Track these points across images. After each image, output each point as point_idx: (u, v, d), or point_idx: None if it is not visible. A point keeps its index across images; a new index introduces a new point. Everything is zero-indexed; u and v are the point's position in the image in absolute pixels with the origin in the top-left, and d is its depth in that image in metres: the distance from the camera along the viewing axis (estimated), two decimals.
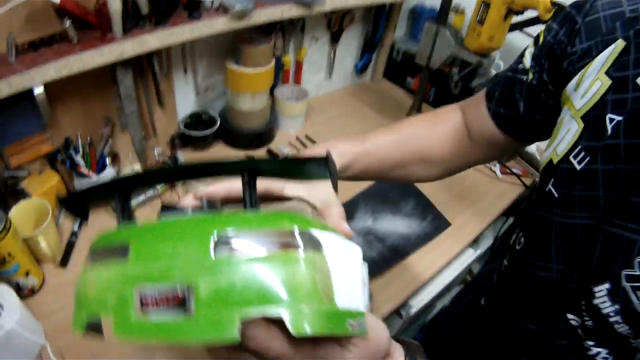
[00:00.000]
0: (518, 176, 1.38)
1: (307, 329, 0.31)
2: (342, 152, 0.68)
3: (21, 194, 0.98)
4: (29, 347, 0.81)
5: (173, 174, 0.46)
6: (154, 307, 0.32)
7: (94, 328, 0.38)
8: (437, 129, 0.79)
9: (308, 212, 0.49)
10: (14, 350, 0.78)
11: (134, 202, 1.09)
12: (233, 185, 0.52)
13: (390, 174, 0.78)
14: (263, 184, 0.50)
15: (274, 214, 0.36)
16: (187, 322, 0.31)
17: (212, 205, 0.42)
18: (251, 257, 0.32)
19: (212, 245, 0.33)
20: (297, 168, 0.41)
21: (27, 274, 0.89)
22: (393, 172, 0.78)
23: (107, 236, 0.40)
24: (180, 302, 0.31)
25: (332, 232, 0.38)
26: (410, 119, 0.81)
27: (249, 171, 0.39)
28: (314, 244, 0.35)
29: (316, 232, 0.36)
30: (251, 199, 0.39)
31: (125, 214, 0.43)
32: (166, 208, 0.40)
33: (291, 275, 0.32)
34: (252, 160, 0.39)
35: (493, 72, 1.32)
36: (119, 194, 0.43)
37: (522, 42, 1.36)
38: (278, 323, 0.37)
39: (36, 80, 0.84)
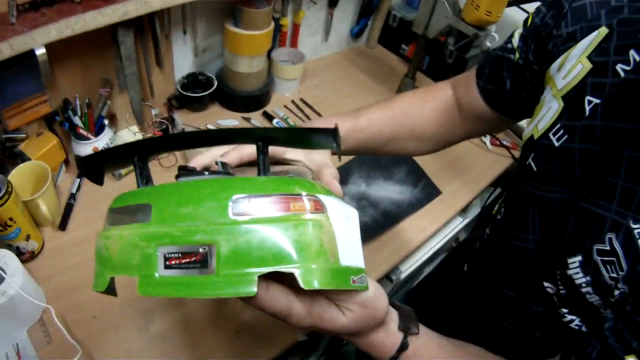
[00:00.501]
0: (508, 148, 1.41)
1: (316, 284, 0.35)
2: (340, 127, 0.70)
3: (19, 157, 0.98)
4: (32, 311, 0.83)
5: (192, 139, 0.47)
6: (176, 265, 0.35)
7: (110, 289, 0.41)
8: (427, 105, 0.82)
9: (308, 175, 0.53)
10: (17, 315, 0.80)
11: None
12: (244, 151, 0.55)
13: (382, 148, 0.80)
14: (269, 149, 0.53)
15: (285, 179, 0.39)
16: (208, 279, 0.34)
17: (226, 168, 0.44)
18: (266, 219, 0.35)
19: (230, 207, 0.35)
20: (307, 138, 0.44)
21: (27, 238, 0.89)
22: (385, 147, 0.80)
23: (127, 196, 0.42)
24: (201, 261, 0.34)
25: (333, 197, 0.41)
26: (402, 95, 0.83)
27: (263, 139, 0.41)
28: (320, 208, 0.38)
29: (321, 197, 0.39)
30: (264, 165, 0.42)
31: (144, 177, 0.45)
32: (184, 170, 0.42)
33: (301, 236, 0.35)
34: (267, 129, 0.41)
35: (488, 44, 1.33)
36: (138, 158, 0.45)
37: (519, 18, 1.36)
38: (279, 280, 0.40)
39: (37, 41, 0.83)
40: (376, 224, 1.14)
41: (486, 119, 0.79)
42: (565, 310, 0.60)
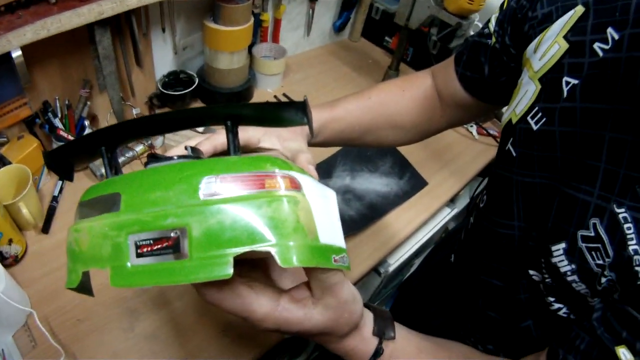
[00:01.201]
0: (494, 137, 1.42)
1: (295, 261, 0.33)
2: (315, 119, 0.68)
3: (0, 161, 0.97)
4: (15, 316, 0.82)
5: (158, 123, 0.45)
6: (148, 253, 0.34)
7: (84, 287, 0.40)
8: (405, 94, 0.81)
9: None
10: (1, 319, 0.79)
11: None
12: (218, 140, 0.54)
13: (360, 139, 0.79)
14: (242, 138, 0.51)
15: (257, 157, 0.38)
16: (182, 264, 0.33)
17: (196, 153, 0.43)
18: (238, 197, 0.34)
19: (201, 188, 0.34)
20: (276, 113, 0.42)
21: (10, 242, 0.88)
22: (364, 138, 0.79)
23: (96, 188, 0.40)
24: (173, 246, 0.33)
25: (309, 176, 0.39)
26: (380, 85, 0.82)
27: (231, 118, 0.40)
28: (294, 184, 0.37)
29: (296, 174, 0.38)
30: (234, 145, 0.41)
31: (112, 168, 0.44)
32: (153, 158, 0.41)
33: (276, 212, 0.34)
34: (234, 106, 0.40)
35: (472, 33, 1.33)
36: (106, 148, 0.44)
37: None
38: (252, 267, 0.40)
39: (13, 43, 0.82)
40: (362, 217, 1.13)
41: (466, 106, 0.78)
42: (551, 299, 0.59)
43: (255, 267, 0.46)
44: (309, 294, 0.43)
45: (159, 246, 0.33)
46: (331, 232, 0.39)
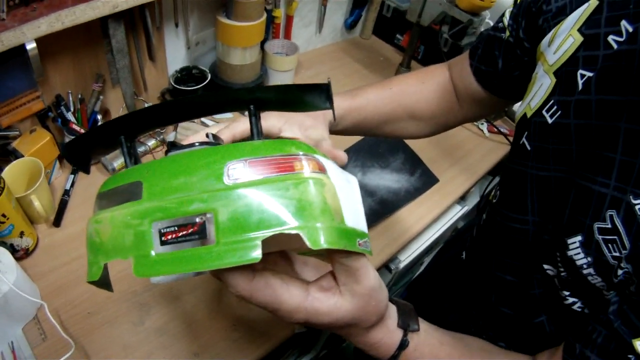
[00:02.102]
0: (505, 135, 1.41)
1: (323, 242, 0.32)
2: (337, 106, 0.66)
3: (12, 155, 0.97)
4: (26, 309, 0.83)
5: (178, 109, 0.44)
6: (173, 240, 0.33)
7: (104, 281, 0.39)
8: (425, 86, 0.81)
9: None
10: (11, 312, 0.79)
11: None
12: (237, 128, 0.53)
13: (380, 129, 0.79)
14: (263, 126, 0.50)
15: (281, 141, 0.37)
16: (208, 249, 0.32)
17: (217, 139, 0.42)
18: (264, 180, 0.33)
19: (225, 172, 0.33)
20: (299, 96, 0.41)
21: (21, 234, 0.89)
22: (383, 128, 0.79)
23: (115, 179, 0.39)
24: (199, 231, 0.32)
25: (332, 161, 0.39)
26: (400, 76, 0.82)
27: (254, 102, 0.39)
28: (320, 167, 0.36)
29: (319, 158, 0.37)
30: (257, 129, 0.40)
31: (132, 157, 0.43)
32: (173, 146, 0.40)
33: (303, 194, 0.33)
34: (257, 89, 0.39)
35: (482, 30, 1.32)
36: (125, 137, 0.43)
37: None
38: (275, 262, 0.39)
39: (28, 35, 0.82)
40: (373, 213, 1.13)
41: (481, 100, 0.78)
42: (566, 293, 0.59)
43: (277, 261, 0.46)
44: (335, 284, 0.42)
45: (184, 232, 0.32)
46: (355, 216, 0.38)
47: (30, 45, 0.86)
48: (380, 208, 1.15)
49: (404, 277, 1.46)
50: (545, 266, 0.60)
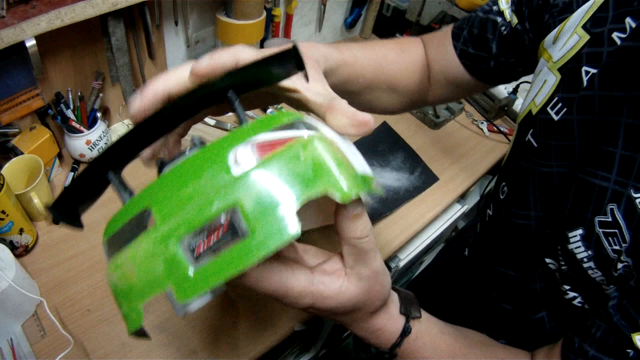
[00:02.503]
0: (505, 134, 1.41)
1: (352, 194, 0.32)
2: (326, 55, 0.56)
3: (12, 152, 0.97)
4: (25, 305, 0.83)
5: (157, 123, 0.40)
6: (207, 250, 0.31)
7: (143, 333, 0.35)
8: (405, 57, 0.75)
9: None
10: (10, 309, 0.79)
11: None
12: (240, 53, 0.44)
13: (358, 95, 0.69)
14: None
15: (270, 116, 0.36)
16: (246, 243, 0.30)
17: (203, 142, 0.39)
18: (272, 155, 0.32)
19: (231, 162, 0.32)
20: (270, 68, 0.39)
21: (20, 231, 0.89)
22: (361, 95, 0.70)
23: (117, 218, 0.37)
24: (230, 229, 0.30)
25: (321, 122, 0.39)
26: (380, 41, 0.75)
27: (231, 88, 0.38)
28: (314, 129, 0.36)
29: (310, 120, 0.37)
30: (242, 114, 0.38)
31: (127, 190, 0.39)
32: (162, 163, 0.38)
33: (314, 154, 0.32)
34: (227, 74, 0.37)
35: None
36: (113, 170, 0.39)
37: None
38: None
39: (28, 33, 0.82)
40: (373, 211, 1.13)
41: (457, 83, 0.76)
42: (567, 287, 0.59)
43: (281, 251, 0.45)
44: (341, 266, 0.42)
45: (215, 237, 0.31)
46: (360, 162, 0.38)
47: (30, 43, 0.86)
48: (380, 206, 1.15)
49: (404, 276, 1.47)
50: (547, 260, 0.61)
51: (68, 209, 0.41)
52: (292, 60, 0.38)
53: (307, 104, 0.43)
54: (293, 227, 0.30)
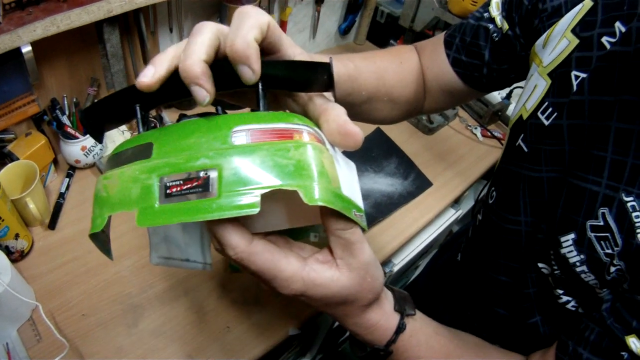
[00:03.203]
0: (499, 139, 1.42)
1: (318, 199, 0.34)
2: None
3: (7, 157, 0.98)
4: (21, 310, 0.83)
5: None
6: (177, 193, 0.34)
7: (104, 245, 0.41)
8: (403, 67, 0.75)
9: None
10: (6, 313, 0.79)
11: None
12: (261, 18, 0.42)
13: (359, 107, 0.69)
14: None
15: (284, 113, 0.39)
16: (210, 201, 0.33)
17: (225, 111, 0.43)
18: (267, 143, 0.35)
19: (232, 135, 0.35)
20: (303, 73, 0.41)
21: (16, 236, 0.89)
22: (362, 106, 0.70)
23: (127, 142, 0.41)
24: (203, 185, 0.34)
25: (332, 145, 0.41)
26: (378, 52, 0.75)
27: (262, 79, 0.39)
28: (317, 139, 0.38)
29: (319, 132, 0.39)
30: (264, 104, 0.40)
31: (145, 125, 0.43)
32: (184, 115, 0.41)
33: (302, 156, 0.35)
34: (266, 63, 0.39)
35: None
36: (140, 107, 0.43)
37: None
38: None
39: (23, 39, 0.83)
40: (367, 217, 1.12)
41: (450, 92, 0.76)
42: (560, 291, 0.59)
43: (277, 242, 0.44)
44: (331, 257, 0.42)
45: (189, 186, 0.34)
46: (352, 191, 0.40)
47: (26, 49, 0.87)
48: (373, 212, 1.15)
49: (399, 281, 1.47)
50: (540, 264, 0.61)
51: (96, 120, 0.46)
52: (325, 75, 0.40)
53: (304, 105, 0.44)
54: (254, 204, 0.33)
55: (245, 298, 0.93)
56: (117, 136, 1.16)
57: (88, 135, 1.05)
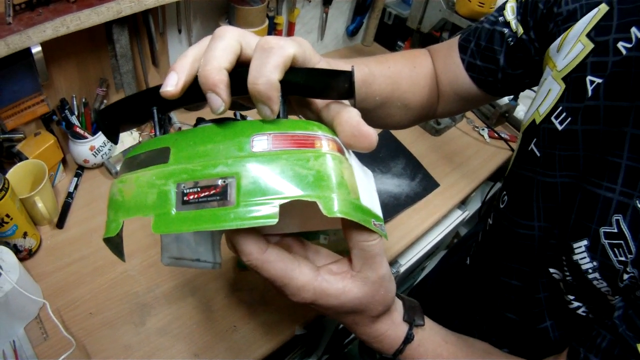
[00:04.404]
0: (506, 141, 1.41)
1: (337, 211, 0.34)
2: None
3: (17, 157, 0.98)
4: (28, 308, 0.83)
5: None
6: (194, 200, 0.34)
7: (117, 247, 0.41)
8: (416, 72, 0.74)
9: None
10: (13, 311, 0.80)
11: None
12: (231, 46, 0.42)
13: (372, 112, 0.68)
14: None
15: (306, 121, 0.39)
16: (227, 210, 0.33)
17: (244, 117, 0.43)
18: (286, 151, 0.35)
19: (251, 142, 0.35)
20: (324, 81, 0.41)
21: (24, 235, 0.90)
22: (375, 112, 0.68)
23: (143, 145, 0.41)
24: (220, 193, 0.34)
25: (351, 152, 0.41)
26: (393, 55, 0.74)
27: (283, 85, 0.39)
28: (339, 149, 0.37)
29: (339, 141, 0.39)
30: (284, 110, 0.40)
31: (162, 129, 0.44)
32: (201, 120, 0.41)
33: (322, 167, 0.35)
34: (288, 70, 0.39)
35: None
36: (158, 109, 0.43)
37: None
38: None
39: (33, 39, 0.83)
40: None
41: (465, 96, 0.76)
42: (571, 297, 0.59)
43: (292, 246, 0.46)
44: (347, 268, 0.42)
45: (206, 193, 0.34)
46: (371, 200, 0.39)
47: (36, 49, 0.87)
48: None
49: (405, 282, 1.47)
50: (551, 270, 0.60)
51: (111, 121, 0.45)
52: (346, 84, 0.39)
53: (319, 112, 0.43)
54: (272, 214, 0.33)
55: (251, 298, 0.93)
56: (126, 136, 1.17)
57: (97, 135, 1.06)
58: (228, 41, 0.37)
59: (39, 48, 0.87)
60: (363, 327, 0.48)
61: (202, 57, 0.37)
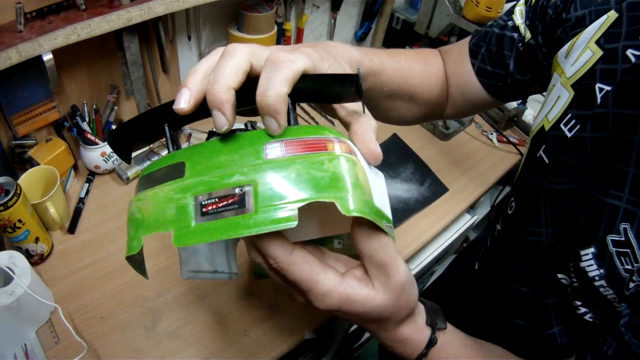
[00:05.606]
0: (515, 145, 1.41)
1: (353, 210, 0.34)
2: (358, 62, 0.55)
3: (28, 163, 1.00)
4: (40, 311, 0.84)
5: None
6: (213, 211, 0.34)
7: (139, 265, 0.41)
8: (428, 68, 0.75)
9: None
10: (25, 315, 0.80)
11: (138, 168, 1.11)
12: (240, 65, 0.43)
13: (380, 104, 0.69)
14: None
15: (316, 126, 0.39)
16: (246, 217, 0.33)
17: (254, 127, 0.43)
18: (301, 156, 0.35)
19: (264, 150, 0.36)
20: (331, 86, 0.41)
21: (36, 240, 0.91)
22: (382, 103, 0.69)
23: (158, 162, 0.41)
24: (239, 201, 0.34)
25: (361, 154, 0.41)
26: (403, 51, 0.73)
27: (291, 92, 0.40)
28: (351, 151, 0.38)
29: (351, 143, 0.39)
30: (294, 117, 0.41)
31: (175, 145, 0.44)
32: (213, 133, 0.41)
33: (337, 169, 0.35)
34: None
35: None
36: (169, 125, 0.43)
37: None
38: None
39: (45, 47, 0.85)
40: None
41: (472, 100, 0.76)
42: (578, 303, 0.59)
43: (312, 252, 0.45)
44: (368, 276, 0.42)
45: (224, 203, 0.34)
46: (382, 202, 0.40)
47: (47, 57, 0.88)
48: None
49: None
50: (559, 275, 0.60)
51: (123, 140, 0.46)
52: (353, 87, 0.40)
53: (336, 110, 0.44)
54: (291, 218, 0.33)
55: (262, 302, 0.94)
56: None
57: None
58: (238, 60, 0.38)
59: (50, 55, 0.89)
60: (387, 332, 0.48)
61: (212, 73, 0.37)
